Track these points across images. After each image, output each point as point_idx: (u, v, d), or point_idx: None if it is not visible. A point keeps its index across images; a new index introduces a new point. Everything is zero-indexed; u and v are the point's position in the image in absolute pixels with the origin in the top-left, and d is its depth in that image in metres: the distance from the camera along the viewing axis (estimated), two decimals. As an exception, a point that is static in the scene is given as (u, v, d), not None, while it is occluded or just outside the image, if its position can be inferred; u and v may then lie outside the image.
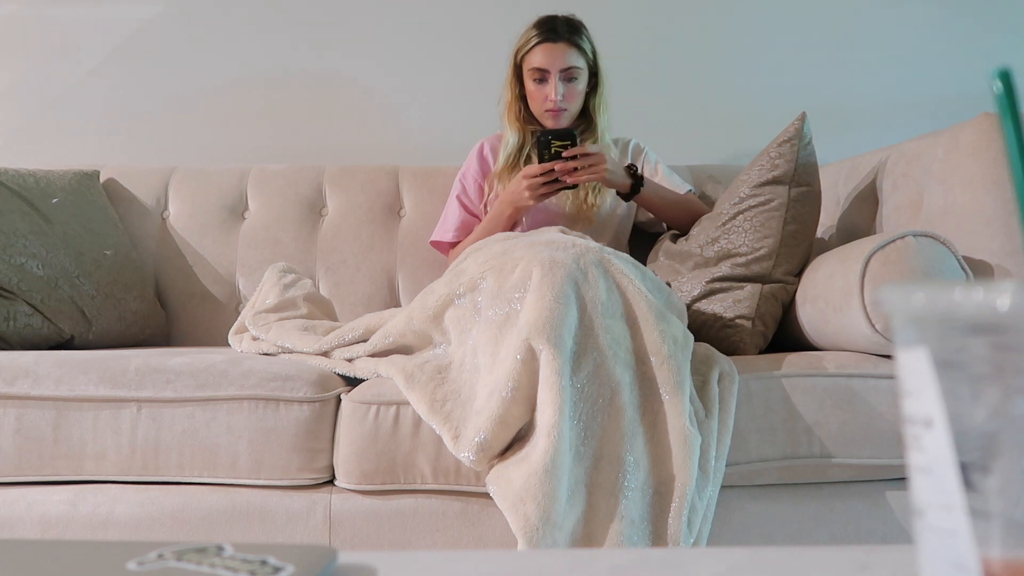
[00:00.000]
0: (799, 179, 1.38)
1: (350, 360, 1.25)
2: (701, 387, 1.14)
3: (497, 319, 1.10)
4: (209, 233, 1.82)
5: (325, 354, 1.28)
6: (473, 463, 1.03)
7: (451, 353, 1.16)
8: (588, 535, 0.99)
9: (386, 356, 1.23)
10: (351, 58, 2.14)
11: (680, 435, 1.03)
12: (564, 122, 1.62)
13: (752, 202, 1.40)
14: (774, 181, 1.38)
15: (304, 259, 1.80)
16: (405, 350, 1.23)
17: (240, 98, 2.13)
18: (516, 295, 1.09)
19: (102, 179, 1.83)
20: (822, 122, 2.14)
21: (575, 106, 1.63)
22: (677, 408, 1.05)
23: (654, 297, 1.14)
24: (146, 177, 1.88)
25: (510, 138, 1.66)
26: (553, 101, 1.59)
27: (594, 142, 1.64)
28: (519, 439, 1.05)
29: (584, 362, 1.04)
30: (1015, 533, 0.25)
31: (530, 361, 1.03)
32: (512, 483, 0.99)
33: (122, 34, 2.12)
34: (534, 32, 1.62)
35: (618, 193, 1.58)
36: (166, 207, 1.85)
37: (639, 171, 1.56)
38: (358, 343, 1.26)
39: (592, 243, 1.18)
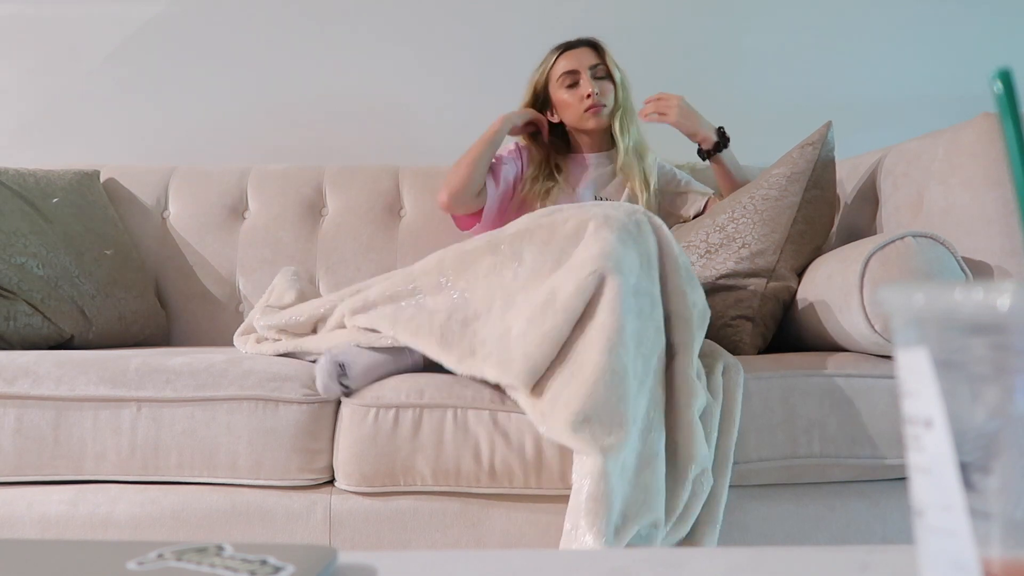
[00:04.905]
0: (815, 182, 1.40)
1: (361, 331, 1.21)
2: (707, 376, 1.15)
3: (547, 265, 1.10)
4: (209, 233, 1.82)
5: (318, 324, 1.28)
6: (523, 382, 1.03)
7: (476, 301, 1.13)
8: (640, 469, 1.00)
9: (373, 309, 1.19)
10: (351, 58, 2.14)
11: (687, 385, 1.07)
12: (605, 119, 1.65)
13: (766, 195, 1.41)
14: (791, 179, 1.40)
15: (304, 259, 1.80)
16: (397, 297, 1.18)
17: (240, 98, 2.13)
18: (570, 246, 1.10)
19: (102, 179, 1.83)
20: (822, 122, 2.14)
21: (611, 100, 1.66)
22: (687, 359, 1.09)
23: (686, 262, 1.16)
24: (146, 177, 1.88)
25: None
26: (591, 96, 1.62)
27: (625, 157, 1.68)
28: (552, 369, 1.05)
29: (644, 303, 1.06)
30: (1015, 533, 0.25)
31: (596, 287, 1.03)
32: (569, 404, 0.98)
33: (122, 34, 2.11)
34: (553, 50, 1.70)
35: (698, 151, 1.64)
36: (166, 207, 1.85)
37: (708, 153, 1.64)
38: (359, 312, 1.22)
39: (636, 205, 1.20)
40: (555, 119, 1.73)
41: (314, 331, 1.29)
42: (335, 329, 1.24)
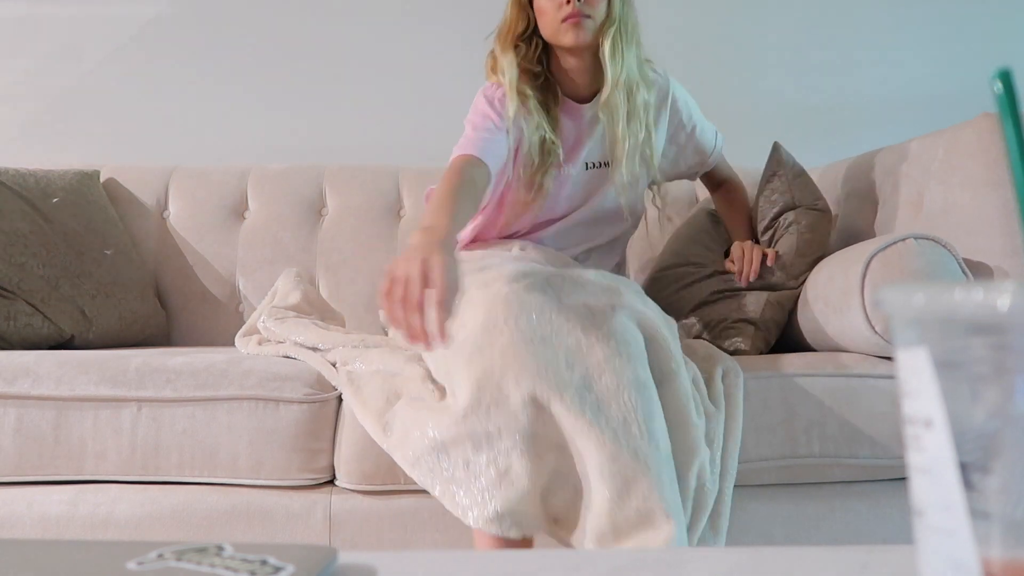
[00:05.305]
0: (801, 201, 1.42)
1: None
2: (707, 383, 1.13)
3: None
4: (209, 233, 1.82)
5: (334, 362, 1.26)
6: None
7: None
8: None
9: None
10: (352, 58, 2.14)
11: (680, 415, 1.02)
12: (588, 35, 1.26)
13: (762, 228, 1.44)
14: (782, 211, 1.42)
15: (304, 259, 1.80)
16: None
17: (240, 98, 2.12)
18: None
19: (102, 179, 1.83)
20: (822, 122, 2.13)
21: (600, 13, 1.27)
22: (672, 388, 1.03)
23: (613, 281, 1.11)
24: (146, 177, 1.87)
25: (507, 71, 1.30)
26: (571, 1, 1.24)
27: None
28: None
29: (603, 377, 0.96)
30: (1015, 533, 0.25)
31: (537, 413, 0.95)
32: (595, 528, 0.91)
33: (122, 34, 2.11)
34: None
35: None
36: (166, 207, 1.85)
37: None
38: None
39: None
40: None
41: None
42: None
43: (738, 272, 1.39)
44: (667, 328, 1.09)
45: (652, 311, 1.09)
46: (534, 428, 0.94)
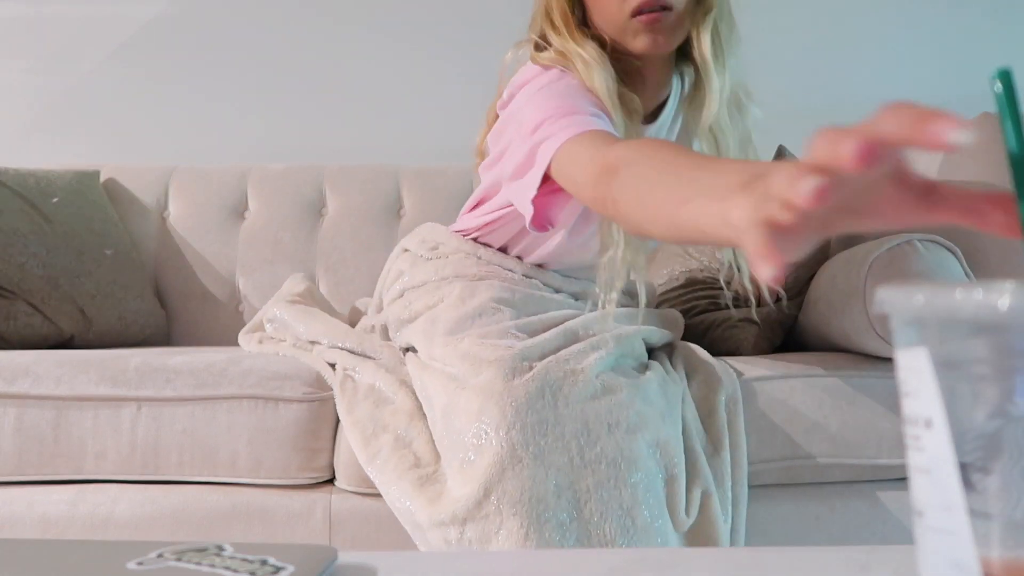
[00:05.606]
0: None
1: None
2: (707, 416, 1.07)
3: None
4: (209, 233, 1.82)
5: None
6: None
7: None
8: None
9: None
10: (351, 58, 2.14)
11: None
12: (670, 40, 0.95)
13: None
14: None
15: (304, 259, 1.80)
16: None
17: (240, 98, 2.13)
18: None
19: (102, 179, 1.83)
20: (822, 122, 2.12)
21: (681, 3, 0.94)
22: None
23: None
24: (146, 177, 1.88)
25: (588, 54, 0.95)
26: None
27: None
28: None
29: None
30: (1015, 533, 0.25)
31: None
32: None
33: (122, 34, 2.11)
34: None
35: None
36: (166, 207, 1.85)
37: None
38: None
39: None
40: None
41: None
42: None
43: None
44: (669, 422, 1.00)
45: (656, 373, 1.04)
46: None
